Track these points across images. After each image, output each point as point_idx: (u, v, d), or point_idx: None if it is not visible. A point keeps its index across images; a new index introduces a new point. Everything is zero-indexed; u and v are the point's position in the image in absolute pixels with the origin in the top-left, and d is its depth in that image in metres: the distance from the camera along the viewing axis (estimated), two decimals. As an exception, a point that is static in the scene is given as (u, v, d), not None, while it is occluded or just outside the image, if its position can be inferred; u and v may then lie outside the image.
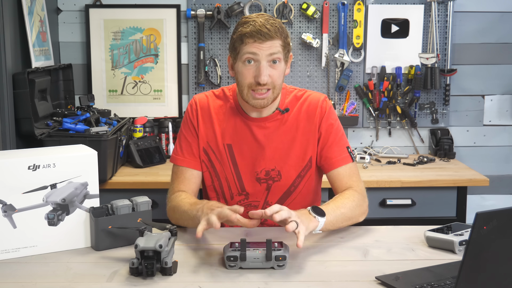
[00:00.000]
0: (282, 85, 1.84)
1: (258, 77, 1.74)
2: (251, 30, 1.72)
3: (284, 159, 1.88)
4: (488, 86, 3.30)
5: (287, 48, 1.79)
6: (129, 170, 2.90)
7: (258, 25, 1.72)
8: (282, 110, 1.88)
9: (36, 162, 1.61)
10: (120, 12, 3.21)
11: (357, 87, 3.24)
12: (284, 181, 1.88)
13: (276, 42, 1.74)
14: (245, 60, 1.76)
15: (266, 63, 1.74)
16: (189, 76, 3.26)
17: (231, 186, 1.90)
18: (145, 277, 1.45)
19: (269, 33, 1.72)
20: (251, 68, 1.76)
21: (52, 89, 2.92)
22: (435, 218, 2.79)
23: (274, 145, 1.88)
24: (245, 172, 1.89)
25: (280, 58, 1.76)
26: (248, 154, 1.88)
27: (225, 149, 1.89)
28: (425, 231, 1.69)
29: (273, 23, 1.74)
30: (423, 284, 1.38)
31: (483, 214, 1.16)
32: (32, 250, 1.63)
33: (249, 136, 1.88)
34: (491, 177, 2.90)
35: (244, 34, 1.73)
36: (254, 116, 1.88)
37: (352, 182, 1.88)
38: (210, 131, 1.90)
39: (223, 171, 1.89)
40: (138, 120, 3.09)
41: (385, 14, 3.20)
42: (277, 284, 1.43)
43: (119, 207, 1.66)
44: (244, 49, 1.74)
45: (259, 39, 1.72)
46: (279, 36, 1.74)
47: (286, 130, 1.88)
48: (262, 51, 1.73)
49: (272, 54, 1.74)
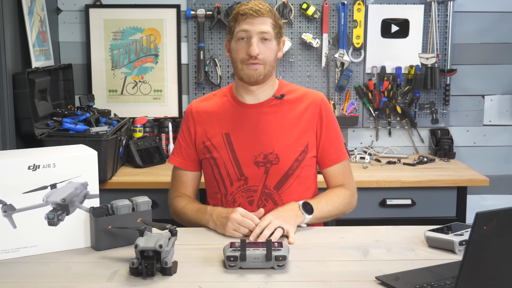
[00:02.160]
0: (274, 63, 1.94)
1: (249, 49, 1.87)
2: (244, 8, 1.90)
3: (281, 142, 1.95)
4: (488, 86, 3.30)
5: (277, 29, 1.92)
6: (129, 170, 2.90)
7: (251, 4, 1.90)
8: (278, 96, 1.98)
9: (36, 162, 1.61)
10: (120, 12, 3.21)
11: (357, 87, 3.24)
12: (282, 164, 1.94)
13: (267, 20, 1.89)
14: (239, 38, 1.90)
15: (257, 39, 1.88)
16: (189, 76, 3.26)
17: (229, 172, 1.96)
18: (145, 277, 1.45)
19: (260, 10, 1.88)
20: (244, 44, 1.90)
21: (52, 89, 2.92)
22: (435, 218, 2.79)
23: (270, 129, 1.95)
24: (243, 157, 1.95)
25: (271, 37, 1.90)
26: (245, 139, 1.95)
27: (223, 138, 1.97)
28: (425, 231, 1.69)
29: (265, 5, 1.91)
30: (423, 284, 1.38)
31: (483, 214, 1.16)
32: (32, 250, 1.63)
33: (246, 122, 1.97)
34: (491, 177, 2.90)
35: (237, 13, 1.90)
36: (250, 102, 1.98)
37: (345, 180, 2.02)
38: (208, 125, 2.00)
39: (221, 159, 1.96)
40: (138, 120, 3.09)
41: (385, 14, 3.20)
42: (277, 284, 1.43)
43: (119, 207, 1.66)
44: (237, 28, 1.90)
45: (251, 15, 1.87)
46: (270, 15, 1.90)
47: (282, 115, 1.97)
48: (253, 27, 1.87)
49: (263, 33, 1.88)
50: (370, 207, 2.79)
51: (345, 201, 1.97)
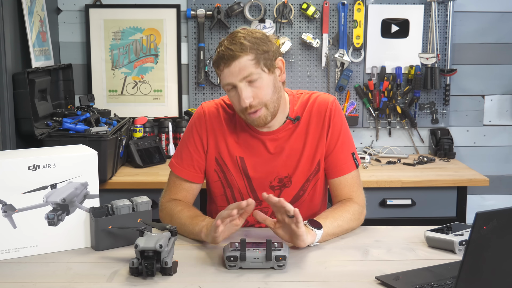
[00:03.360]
0: (275, 96, 1.78)
1: (240, 102, 1.74)
2: (217, 57, 1.74)
3: (295, 165, 1.86)
4: (488, 86, 3.30)
5: (263, 57, 1.72)
6: (129, 170, 2.90)
7: (222, 49, 1.72)
8: (293, 119, 1.86)
9: (36, 162, 1.61)
10: (120, 12, 3.21)
11: (357, 87, 3.24)
12: (294, 186, 1.88)
13: (243, 60, 1.70)
14: (227, 90, 1.77)
15: (245, 86, 1.72)
16: (189, 76, 3.26)
17: (243, 196, 1.88)
18: (145, 277, 1.45)
19: (231, 53, 1.70)
20: (235, 95, 1.75)
21: (52, 89, 2.92)
22: (435, 218, 2.79)
23: (286, 153, 1.86)
24: (259, 183, 1.88)
25: (257, 76, 1.72)
26: (260, 166, 1.87)
27: (238, 161, 1.87)
28: (425, 231, 1.69)
29: (238, 40, 1.71)
30: (423, 284, 1.38)
31: (483, 214, 1.16)
32: (32, 250, 1.63)
33: (261, 149, 1.86)
34: (491, 177, 2.90)
35: (215, 64, 1.76)
36: (265, 130, 1.85)
37: (353, 192, 1.86)
38: (221, 142, 1.88)
39: (236, 182, 1.88)
40: (138, 120, 3.09)
41: (385, 14, 3.20)
42: (277, 284, 1.43)
43: (119, 207, 1.66)
44: (222, 81, 1.76)
45: (226, 64, 1.71)
46: (245, 51, 1.70)
47: (297, 137, 1.87)
48: (232, 76, 1.71)
49: (245, 77, 1.71)
50: (370, 207, 2.75)
51: (354, 216, 1.80)
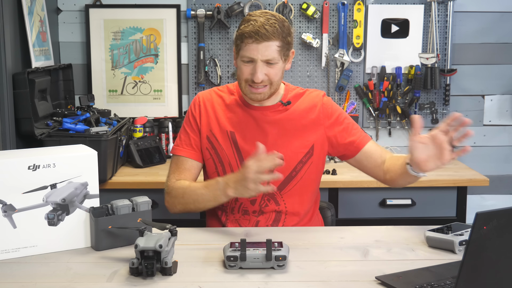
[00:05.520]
0: (280, 80, 1.92)
1: (253, 75, 1.83)
2: (250, 30, 1.81)
3: (286, 144, 1.94)
4: (488, 86, 3.30)
5: (286, 47, 1.86)
6: (129, 170, 2.90)
7: (258, 25, 1.80)
8: (284, 102, 1.96)
9: (36, 162, 1.61)
10: (120, 12, 3.21)
11: (357, 87, 3.24)
12: (286, 165, 1.91)
13: (273, 44, 1.81)
14: (244, 61, 1.85)
15: (262, 64, 1.83)
16: (189, 76, 3.26)
17: (234, 171, 1.93)
18: (145, 277, 1.45)
19: (267, 34, 1.80)
20: (249, 66, 1.85)
21: (52, 89, 2.92)
22: (435, 218, 2.79)
23: (276, 131, 1.95)
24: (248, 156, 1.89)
25: (275, 61, 1.84)
26: (250, 139, 1.93)
27: (228, 136, 1.95)
28: (425, 231, 1.69)
29: (273, 23, 1.82)
30: (423, 284, 1.38)
31: (483, 214, 1.16)
32: (32, 250, 1.63)
33: (251, 123, 1.95)
34: (491, 177, 2.89)
35: (243, 34, 1.82)
36: (256, 105, 1.96)
37: (385, 152, 1.99)
38: (213, 119, 1.98)
39: (226, 156, 1.95)
40: (138, 120, 3.09)
41: (385, 14, 3.20)
42: (277, 284, 1.43)
43: (119, 207, 1.66)
44: (242, 51, 1.84)
45: (257, 40, 1.80)
46: (277, 37, 1.81)
47: (288, 119, 1.96)
48: (258, 54, 1.81)
49: (268, 59, 1.82)
50: (370, 207, 2.79)
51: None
